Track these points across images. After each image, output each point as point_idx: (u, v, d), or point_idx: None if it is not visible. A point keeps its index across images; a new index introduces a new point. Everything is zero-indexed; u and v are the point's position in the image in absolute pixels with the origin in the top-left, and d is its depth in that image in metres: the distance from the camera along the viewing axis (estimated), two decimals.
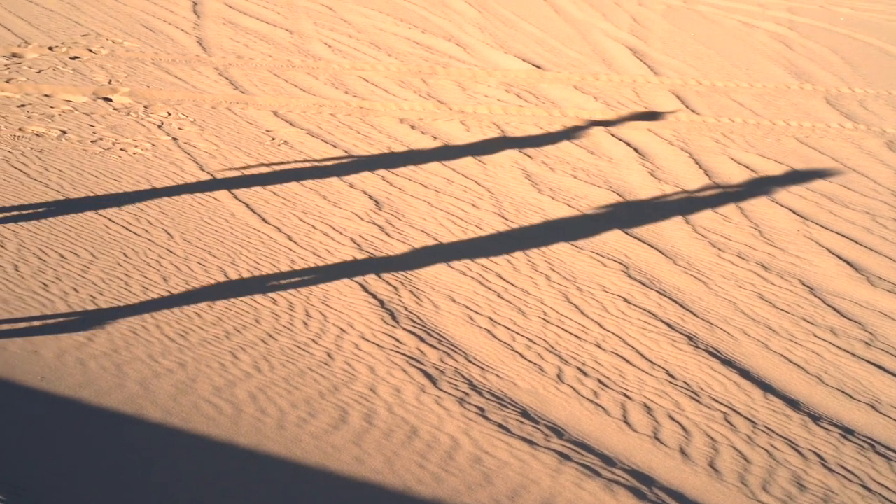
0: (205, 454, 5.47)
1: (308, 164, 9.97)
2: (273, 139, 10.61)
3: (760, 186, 10.47)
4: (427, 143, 10.89)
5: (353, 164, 10.10)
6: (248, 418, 5.81)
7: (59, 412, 5.64)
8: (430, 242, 8.50)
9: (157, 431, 5.57)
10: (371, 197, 9.34)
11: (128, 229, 8.15)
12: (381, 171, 9.96)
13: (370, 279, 7.77)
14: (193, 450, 5.49)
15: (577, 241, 8.79)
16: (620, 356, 7.02)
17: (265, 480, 5.35)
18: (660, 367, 6.92)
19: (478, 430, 5.96)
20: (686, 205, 9.86)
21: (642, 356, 7.04)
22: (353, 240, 8.42)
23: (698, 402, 6.53)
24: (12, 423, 5.47)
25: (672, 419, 6.32)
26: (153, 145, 10.07)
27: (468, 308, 7.49)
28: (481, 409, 6.16)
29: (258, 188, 9.26)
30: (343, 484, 5.41)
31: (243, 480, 5.32)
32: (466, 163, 10.44)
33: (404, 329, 7.06)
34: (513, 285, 7.93)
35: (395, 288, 7.67)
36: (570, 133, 11.66)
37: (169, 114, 11.07)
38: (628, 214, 9.48)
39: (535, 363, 6.82)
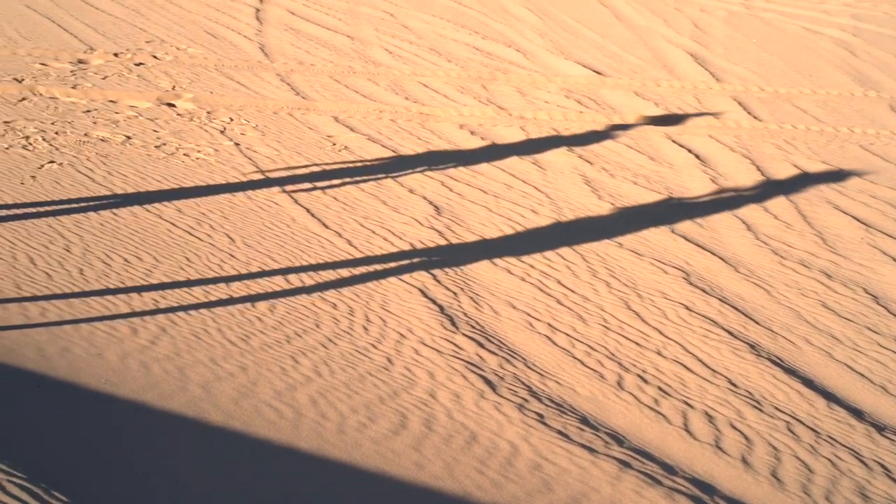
0: (266, 458, 5.50)
1: (368, 170, 10.00)
2: (334, 144, 10.65)
3: (823, 194, 10.37)
4: (486, 149, 10.88)
5: (413, 169, 10.12)
6: (309, 422, 5.83)
7: (122, 415, 5.69)
8: (490, 247, 8.50)
9: (219, 435, 5.60)
10: (431, 202, 9.35)
11: (190, 233, 8.21)
12: (441, 177, 9.98)
13: (430, 284, 7.78)
14: (255, 453, 5.51)
15: (638, 248, 8.75)
16: (681, 364, 6.97)
17: (326, 484, 5.36)
18: (721, 375, 6.86)
19: (537, 436, 5.94)
20: (748, 212, 9.78)
21: (704, 364, 6.99)
22: (412, 245, 8.43)
23: (760, 410, 6.47)
24: (77, 426, 5.53)
25: (734, 428, 6.26)
26: (216, 150, 10.15)
27: (528, 314, 7.48)
28: (541, 416, 6.14)
29: (318, 193, 9.31)
30: (403, 489, 5.42)
31: (304, 484, 5.34)
32: (526, 168, 10.43)
33: (464, 334, 7.06)
34: (573, 291, 7.90)
35: (454, 293, 7.67)
36: (631, 139, 11.60)
37: (231, 119, 11.15)
38: (689, 221, 9.42)
39: (594, 370, 6.79)
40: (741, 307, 7.87)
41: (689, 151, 11.33)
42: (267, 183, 9.43)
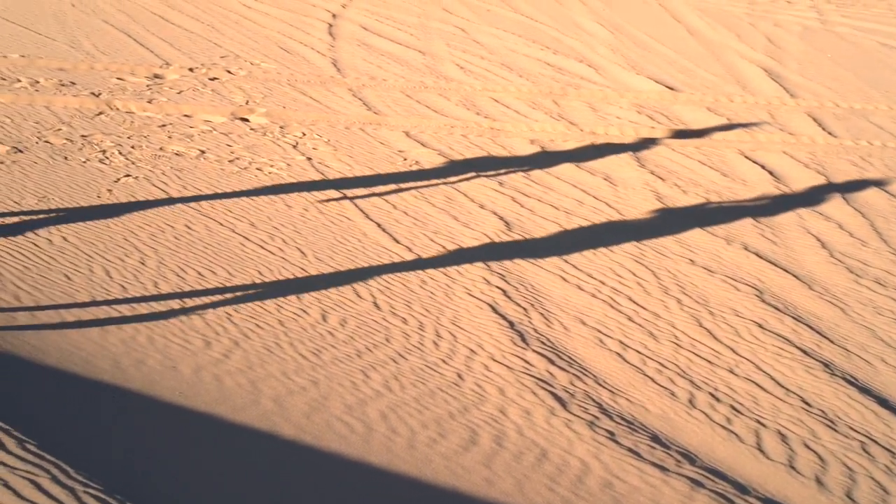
0: (337, 472, 5.52)
1: (439, 185, 10.03)
2: (405, 159, 10.70)
3: None
4: (558, 165, 10.87)
5: (484, 184, 10.13)
6: (380, 437, 5.85)
7: (196, 427, 5.75)
8: (561, 264, 8.48)
9: (291, 448, 5.64)
10: (501, 217, 9.35)
11: (263, 247, 8.28)
12: (512, 192, 9.98)
13: (500, 300, 7.78)
14: (326, 467, 5.54)
15: (710, 265, 8.69)
16: (754, 382, 6.90)
17: (397, 499, 5.38)
18: (795, 394, 6.79)
19: (608, 454, 5.91)
20: (822, 228, 9.67)
21: (777, 383, 6.91)
22: (483, 260, 8.43)
23: (835, 430, 6.39)
24: (152, 438, 5.59)
25: (808, 447, 6.19)
26: (288, 165, 10.23)
27: (598, 331, 7.45)
28: (611, 433, 6.11)
29: (389, 208, 9.35)
30: None
31: (376, 499, 5.35)
32: (597, 184, 10.40)
33: (534, 351, 7.05)
34: (644, 308, 7.86)
35: (524, 309, 7.66)
36: (703, 155, 11.53)
37: (304, 134, 11.24)
38: (762, 238, 9.34)
39: (666, 388, 6.75)
40: (815, 325, 7.78)
41: (763, 168, 11.24)
42: (338, 197, 9.49)
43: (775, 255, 8.98)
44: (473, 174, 10.39)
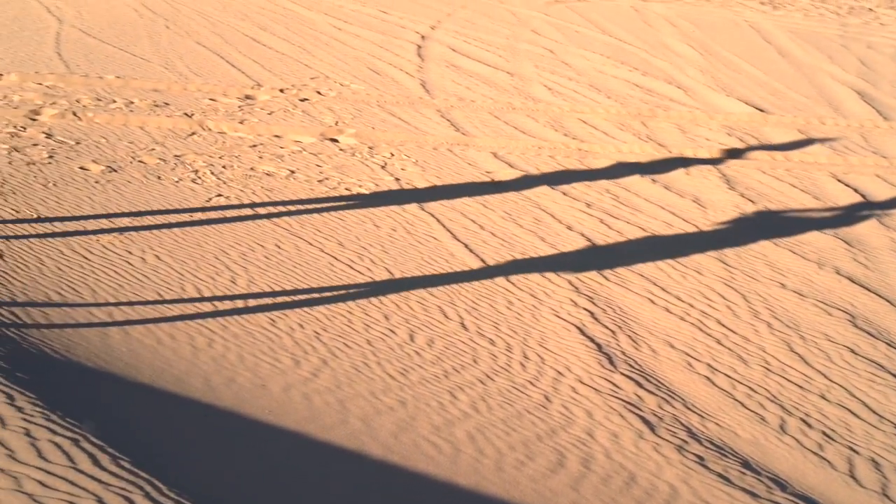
0: (424, 493, 5.53)
1: (526, 206, 10.02)
2: (492, 180, 10.71)
3: None
4: (645, 187, 10.81)
5: (571, 206, 10.11)
6: (467, 458, 5.85)
7: (286, 446, 5.79)
8: (649, 286, 8.43)
9: (379, 468, 5.66)
10: (589, 239, 9.32)
11: (351, 267, 8.34)
12: (600, 214, 9.94)
13: (587, 322, 7.75)
14: (413, 487, 5.55)
15: (801, 289, 8.58)
16: (846, 408, 6.80)
17: None
18: (888, 420, 6.67)
19: (697, 479, 5.85)
20: None
21: (870, 409, 6.80)
22: (570, 282, 8.41)
23: None
24: (241, 456, 5.65)
25: None
26: (376, 185, 10.30)
27: (687, 354, 7.39)
28: (701, 458, 6.05)
29: (476, 228, 9.36)
30: None
31: None
32: (686, 206, 10.32)
33: (622, 374, 7.01)
34: (733, 332, 7.78)
35: (612, 332, 7.63)
36: (795, 177, 11.39)
37: (392, 154, 11.31)
38: (855, 262, 9.19)
39: (756, 412, 6.67)
40: None
41: (855, 191, 11.08)
42: (426, 218, 9.52)
43: (868, 280, 8.84)
44: (561, 195, 10.37)
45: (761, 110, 13.89)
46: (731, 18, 21.02)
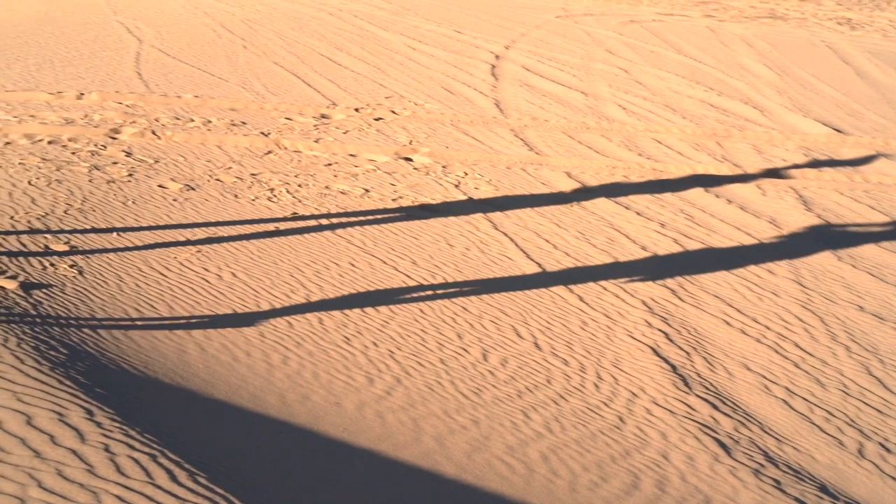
0: None
1: (600, 226, 9.99)
2: (566, 200, 10.68)
3: None
4: (721, 207, 10.73)
5: (646, 226, 10.05)
6: (540, 479, 5.83)
7: (360, 464, 5.80)
8: (724, 308, 8.35)
9: (453, 487, 5.65)
10: (663, 259, 9.26)
11: (424, 286, 8.35)
12: (674, 234, 9.88)
13: (662, 343, 7.70)
14: None
15: (881, 312, 8.46)
16: None
17: None
18: None
19: (774, 503, 5.78)
20: None
21: None
22: (644, 302, 8.36)
23: None
24: (316, 473, 5.67)
25: None
26: (449, 204, 10.31)
27: (763, 377, 7.31)
28: (777, 482, 5.98)
29: (550, 248, 9.34)
30: None
31: None
32: (762, 227, 10.23)
33: (697, 395, 6.95)
34: (810, 355, 7.69)
35: (687, 353, 7.57)
36: (874, 200, 11.25)
37: (466, 174, 11.33)
38: None
39: (833, 436, 6.58)
40: None
41: None
42: (499, 237, 9.52)
43: None
44: (635, 215, 10.32)
45: (839, 131, 13.74)
46: (808, 39, 20.84)
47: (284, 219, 9.54)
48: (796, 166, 12.17)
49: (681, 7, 26.18)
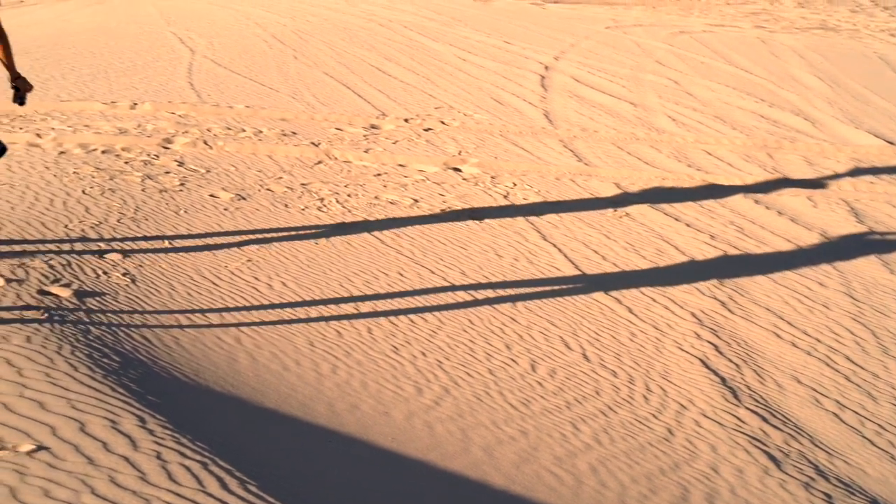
0: None
1: (650, 237, 9.97)
2: (615, 210, 10.67)
3: None
4: (771, 219, 10.68)
5: (695, 237, 10.02)
6: (589, 490, 5.82)
7: (408, 474, 5.82)
8: (775, 320, 8.31)
9: (501, 498, 5.66)
10: (712, 271, 9.23)
11: (473, 297, 8.37)
12: (724, 247, 9.84)
13: (711, 355, 7.67)
14: None
15: None
16: None
17: None
18: None
19: None
20: None
21: None
22: (693, 314, 8.34)
23: None
24: (365, 483, 5.69)
25: None
26: (498, 215, 10.32)
27: (814, 390, 7.27)
28: (828, 496, 5.94)
29: (599, 259, 9.33)
30: None
31: None
32: (812, 239, 10.17)
33: (747, 408, 6.92)
34: (862, 368, 7.63)
35: (737, 365, 7.54)
36: None
37: (514, 184, 11.35)
38: None
39: (885, 451, 6.53)
40: None
41: None
42: (547, 248, 9.52)
43: None
44: (684, 227, 10.29)
45: (891, 143, 13.63)
46: (860, 50, 20.69)
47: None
48: (848, 177, 12.09)
49: (731, 18, 26.08)
